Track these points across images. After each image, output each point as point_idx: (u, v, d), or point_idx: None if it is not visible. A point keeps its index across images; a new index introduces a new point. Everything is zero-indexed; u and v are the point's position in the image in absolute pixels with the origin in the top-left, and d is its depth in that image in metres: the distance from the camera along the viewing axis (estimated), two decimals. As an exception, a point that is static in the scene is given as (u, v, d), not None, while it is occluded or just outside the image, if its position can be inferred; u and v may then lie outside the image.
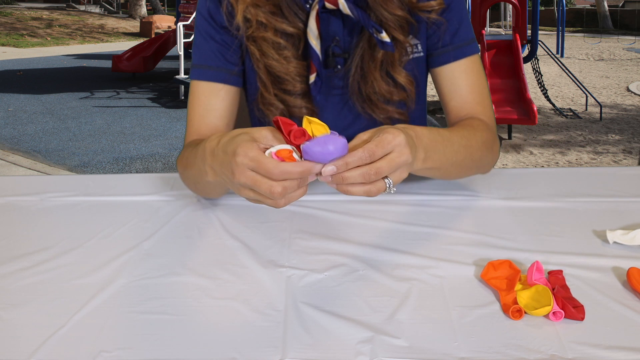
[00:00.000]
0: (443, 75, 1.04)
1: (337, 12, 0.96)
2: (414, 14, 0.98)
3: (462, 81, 1.03)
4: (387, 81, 1.00)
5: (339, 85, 1.03)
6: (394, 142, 0.69)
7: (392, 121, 1.03)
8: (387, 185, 0.69)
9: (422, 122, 1.15)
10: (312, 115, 0.99)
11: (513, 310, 0.64)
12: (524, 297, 0.66)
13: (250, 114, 1.12)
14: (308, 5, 0.97)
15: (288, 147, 0.67)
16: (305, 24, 0.96)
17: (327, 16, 0.98)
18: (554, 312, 0.64)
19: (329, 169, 0.66)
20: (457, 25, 1.02)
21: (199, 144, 0.85)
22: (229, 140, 0.71)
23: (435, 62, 1.04)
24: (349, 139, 1.00)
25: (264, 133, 0.69)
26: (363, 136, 0.72)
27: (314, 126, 0.67)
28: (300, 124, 0.69)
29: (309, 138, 0.66)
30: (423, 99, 1.10)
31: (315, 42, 0.95)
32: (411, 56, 1.02)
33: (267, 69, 0.98)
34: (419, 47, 1.03)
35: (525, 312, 0.65)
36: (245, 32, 0.97)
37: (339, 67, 1.01)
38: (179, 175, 0.98)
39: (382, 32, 0.93)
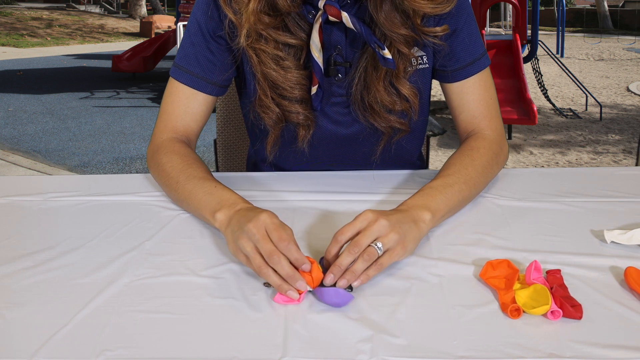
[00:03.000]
0: (453, 90, 1.07)
1: (340, 23, 0.97)
2: (419, 36, 0.99)
3: (470, 96, 1.06)
4: (390, 92, 1.00)
5: (340, 93, 1.03)
6: (359, 218, 0.75)
7: (393, 130, 1.04)
8: (377, 249, 0.72)
9: (423, 131, 1.16)
10: (308, 123, 1.01)
11: (511, 309, 0.65)
12: (522, 296, 0.66)
13: (244, 115, 1.12)
14: (311, 16, 0.97)
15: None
16: (308, 36, 0.97)
17: (330, 27, 0.98)
18: (552, 311, 0.64)
19: (329, 278, 0.70)
20: (467, 43, 1.03)
21: (204, 181, 0.91)
22: (251, 211, 0.78)
23: (446, 78, 1.07)
24: (349, 142, 1.01)
25: (277, 221, 0.75)
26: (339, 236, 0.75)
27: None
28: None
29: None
30: (426, 109, 1.11)
31: (317, 55, 0.96)
32: (416, 68, 1.02)
33: (265, 75, 0.99)
34: (424, 60, 1.03)
35: (523, 311, 0.65)
36: (245, 43, 0.97)
37: (340, 75, 1.01)
38: (156, 172, 1.00)
39: (384, 49, 0.94)
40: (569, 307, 0.64)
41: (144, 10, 18.38)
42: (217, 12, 1.00)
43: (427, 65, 1.04)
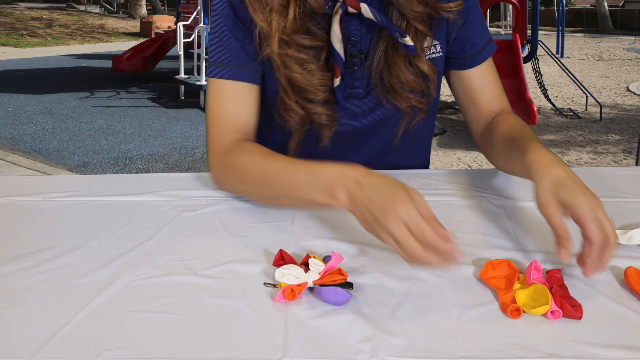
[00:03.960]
0: (472, 74, 1.10)
1: (356, 14, 0.97)
2: (434, 11, 1.01)
3: (490, 76, 1.11)
4: (410, 70, 1.02)
5: (357, 85, 1.04)
6: (592, 209, 0.72)
7: (414, 110, 1.06)
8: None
9: (435, 114, 1.19)
10: (332, 122, 1.01)
11: (511, 309, 0.65)
12: (522, 296, 0.66)
13: (265, 116, 1.11)
14: (327, 7, 0.97)
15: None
16: (327, 33, 0.97)
17: (347, 18, 0.99)
18: (552, 311, 0.64)
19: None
20: (478, 29, 1.08)
21: (298, 165, 0.85)
22: (389, 186, 0.72)
23: (464, 65, 1.10)
24: (370, 128, 1.07)
25: (421, 201, 0.70)
26: (555, 217, 0.74)
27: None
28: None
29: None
30: (438, 93, 1.13)
31: (339, 46, 0.96)
32: (431, 55, 1.04)
33: (289, 79, 0.98)
34: (438, 48, 1.05)
35: (523, 311, 0.65)
36: (276, 50, 0.96)
37: (355, 68, 1.02)
38: (222, 180, 0.96)
39: (405, 37, 0.95)
40: (569, 307, 0.64)
41: (144, 10, 18.38)
42: (235, 12, 0.99)
43: (440, 54, 1.06)
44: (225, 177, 0.97)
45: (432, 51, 1.04)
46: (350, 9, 0.95)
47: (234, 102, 1.00)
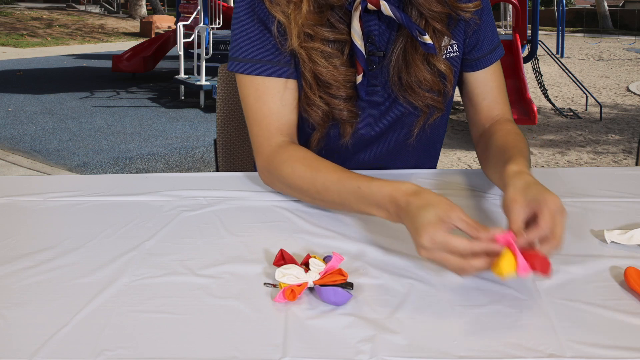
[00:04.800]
0: (476, 77, 1.11)
1: (376, 12, 0.98)
2: (453, 11, 1.02)
3: (493, 83, 1.11)
4: (428, 69, 1.02)
5: (375, 83, 1.04)
6: (563, 216, 0.72)
7: (430, 108, 1.07)
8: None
9: (448, 114, 1.18)
10: (353, 119, 1.01)
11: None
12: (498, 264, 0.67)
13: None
14: (348, 3, 0.97)
15: None
16: (349, 28, 0.98)
17: (366, 16, 0.99)
18: (520, 266, 0.66)
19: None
20: (489, 32, 1.09)
21: (344, 177, 0.87)
22: (420, 212, 0.72)
23: (470, 67, 1.10)
24: (387, 127, 1.09)
25: (454, 215, 0.70)
26: (518, 218, 0.73)
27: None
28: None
29: None
30: (454, 93, 1.13)
31: (360, 42, 0.97)
32: (447, 55, 1.05)
33: (314, 73, 0.99)
34: (455, 48, 1.06)
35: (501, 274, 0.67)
36: (297, 43, 0.96)
37: (374, 66, 1.02)
38: (286, 185, 0.95)
39: (425, 35, 0.96)
40: (536, 262, 0.66)
41: (144, 10, 18.38)
42: (256, 10, 0.99)
43: (457, 53, 1.07)
44: (273, 181, 0.98)
45: (448, 50, 1.05)
46: (370, 6, 0.95)
47: (275, 100, 0.99)
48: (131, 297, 0.70)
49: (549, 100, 6.41)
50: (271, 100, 0.99)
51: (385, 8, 0.95)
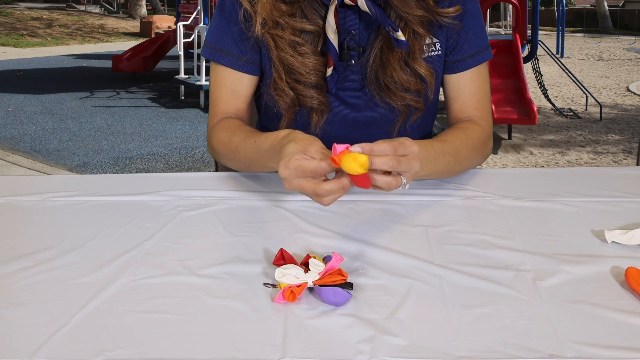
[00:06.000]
0: (450, 81, 1.10)
1: (355, 7, 0.98)
2: (432, 16, 1.01)
3: (466, 88, 1.10)
4: (406, 70, 1.03)
5: (353, 78, 1.04)
6: (411, 147, 0.77)
7: (409, 109, 1.07)
8: (403, 182, 0.77)
9: (434, 113, 1.18)
10: (322, 108, 1.02)
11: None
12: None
13: (258, 98, 1.14)
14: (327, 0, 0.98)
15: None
16: (324, 20, 0.98)
17: (344, 11, 1.00)
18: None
19: (357, 149, 0.73)
20: (470, 36, 1.07)
21: (250, 136, 0.96)
22: (284, 147, 0.81)
23: (450, 69, 1.09)
24: (364, 125, 1.09)
25: (312, 148, 0.78)
26: (383, 143, 0.77)
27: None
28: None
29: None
30: (438, 92, 1.13)
31: (333, 37, 0.98)
32: (430, 54, 1.05)
33: (281, 60, 1.00)
34: (437, 47, 1.06)
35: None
36: (261, 31, 0.99)
37: (352, 61, 1.02)
38: (214, 152, 1.06)
39: (398, 31, 0.96)
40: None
41: (144, 10, 18.38)
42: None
43: (439, 52, 1.06)
44: (213, 154, 1.07)
45: (431, 49, 1.04)
46: (346, 1, 0.96)
47: (227, 89, 1.08)
48: (130, 297, 0.70)
49: (549, 100, 6.41)
50: (223, 88, 1.08)
51: (362, 3, 0.95)
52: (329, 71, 1.00)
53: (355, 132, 1.10)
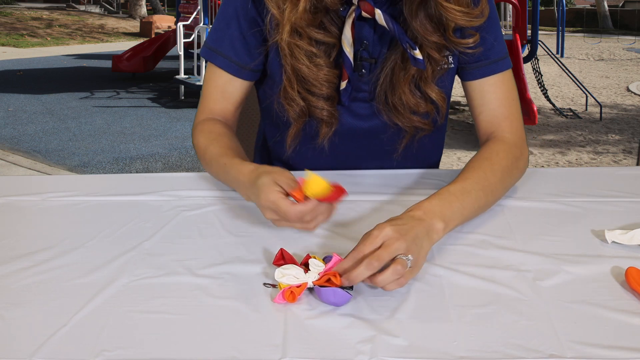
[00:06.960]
0: (474, 88, 1.06)
1: (371, 20, 0.97)
2: (450, 45, 0.99)
3: (491, 95, 1.05)
4: (415, 94, 1.01)
5: (364, 89, 1.03)
6: (380, 234, 0.71)
7: (416, 130, 1.05)
8: (407, 261, 0.69)
9: (444, 130, 1.17)
10: (332, 120, 1.01)
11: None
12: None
13: (268, 105, 1.12)
14: (343, 10, 0.97)
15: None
16: (340, 32, 0.97)
17: (360, 23, 0.98)
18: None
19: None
20: (492, 42, 1.03)
21: (223, 155, 0.98)
22: (256, 179, 0.84)
23: (467, 75, 1.06)
24: (369, 136, 1.10)
25: (282, 179, 0.81)
26: (347, 258, 0.73)
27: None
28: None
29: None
30: (448, 110, 1.12)
31: (349, 50, 0.96)
32: (442, 66, 1.02)
33: (294, 69, 0.99)
34: (450, 60, 1.03)
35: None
36: (287, 39, 0.97)
37: (364, 71, 1.01)
38: (195, 149, 1.07)
39: (415, 49, 0.94)
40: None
41: (144, 10, 18.37)
42: (255, 3, 1.01)
43: (452, 65, 1.04)
44: (196, 149, 1.09)
45: (442, 62, 1.02)
46: (364, 14, 0.95)
47: (217, 90, 1.09)
48: (130, 297, 0.70)
49: (549, 100, 6.41)
50: (213, 88, 1.09)
51: (380, 17, 0.93)
52: (343, 84, 0.99)
53: (361, 142, 1.09)
